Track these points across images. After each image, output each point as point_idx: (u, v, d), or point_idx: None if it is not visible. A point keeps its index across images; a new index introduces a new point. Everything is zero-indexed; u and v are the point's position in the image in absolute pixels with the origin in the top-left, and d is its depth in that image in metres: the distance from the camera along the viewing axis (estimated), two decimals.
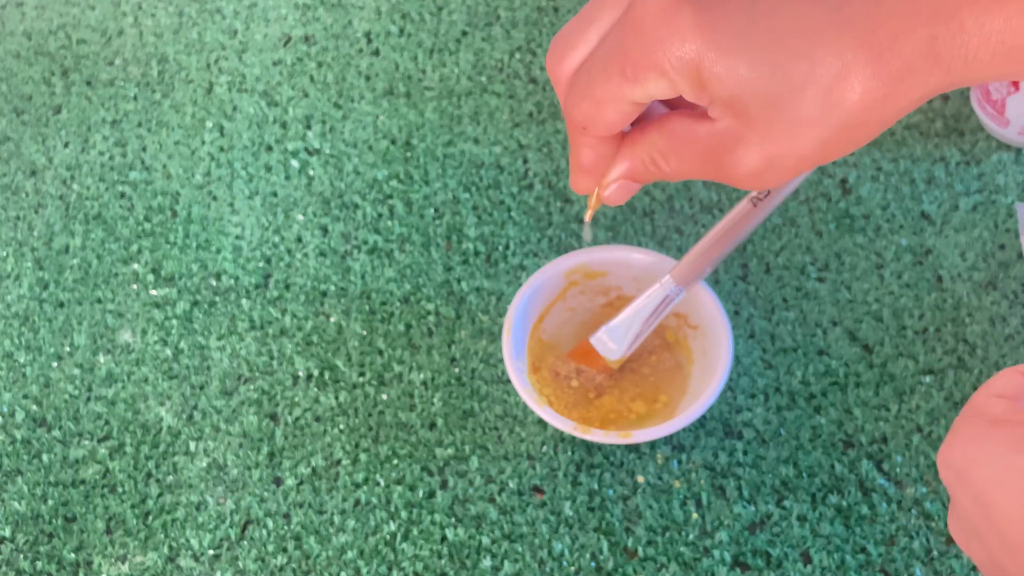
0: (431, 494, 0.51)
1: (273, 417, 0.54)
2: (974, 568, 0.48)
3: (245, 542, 0.50)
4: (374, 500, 0.51)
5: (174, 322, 0.57)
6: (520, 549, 0.50)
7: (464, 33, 0.68)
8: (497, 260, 0.58)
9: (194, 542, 0.50)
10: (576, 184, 0.37)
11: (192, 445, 0.53)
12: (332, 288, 0.58)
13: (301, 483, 0.52)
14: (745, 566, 0.49)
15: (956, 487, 0.30)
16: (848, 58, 0.29)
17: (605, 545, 0.50)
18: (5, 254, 0.60)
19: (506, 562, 0.49)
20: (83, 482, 0.52)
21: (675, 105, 0.35)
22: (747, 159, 0.31)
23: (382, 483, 0.52)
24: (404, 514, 0.51)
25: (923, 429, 0.52)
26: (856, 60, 0.28)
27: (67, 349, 0.56)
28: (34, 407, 0.55)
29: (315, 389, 0.54)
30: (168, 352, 0.56)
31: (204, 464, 0.53)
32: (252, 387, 0.55)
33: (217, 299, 0.58)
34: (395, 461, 0.52)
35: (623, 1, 0.32)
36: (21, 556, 0.50)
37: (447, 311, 0.57)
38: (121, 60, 0.68)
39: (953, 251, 0.57)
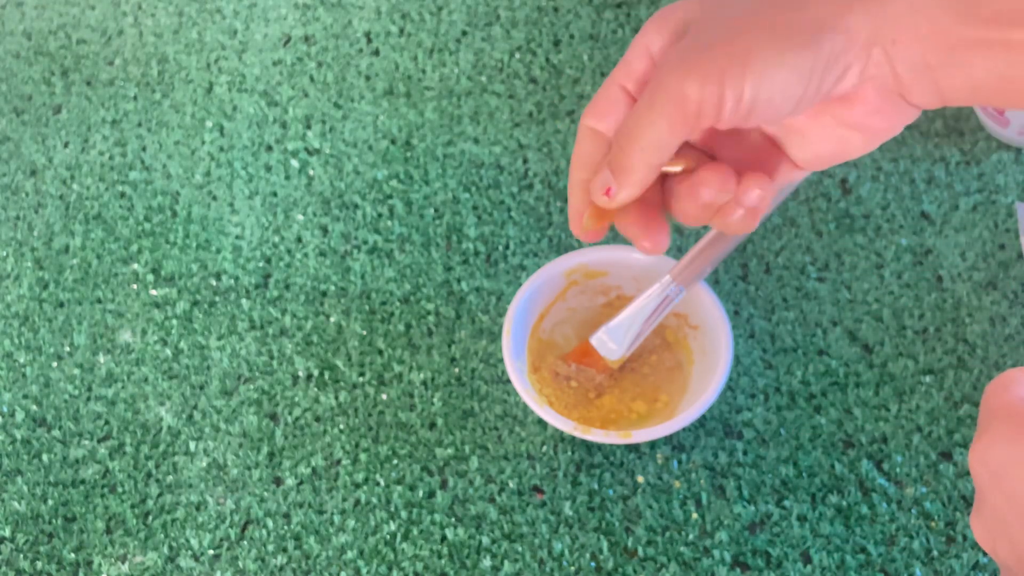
0: (431, 494, 0.51)
1: (273, 417, 0.54)
2: (974, 568, 0.48)
3: (245, 542, 0.50)
4: (374, 500, 0.51)
5: (174, 322, 0.57)
6: (520, 549, 0.50)
7: (464, 33, 0.68)
8: (497, 260, 0.58)
9: (194, 542, 0.50)
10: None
11: (192, 445, 0.53)
12: (332, 288, 0.58)
13: (301, 483, 0.52)
14: (745, 566, 0.49)
15: (989, 486, 0.29)
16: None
17: (605, 545, 0.50)
18: (5, 254, 0.60)
19: (506, 562, 0.49)
20: (83, 482, 0.52)
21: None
22: None
23: (382, 483, 0.52)
24: (404, 514, 0.51)
25: (923, 429, 0.52)
26: None
27: (67, 349, 0.57)
28: (34, 407, 0.55)
29: (315, 389, 0.54)
30: (168, 352, 0.56)
31: (204, 464, 0.53)
32: (252, 387, 0.55)
33: (217, 299, 0.58)
34: (395, 461, 0.52)
35: None
36: (21, 556, 0.50)
37: (447, 311, 0.57)
38: (121, 60, 0.68)
39: (953, 251, 0.57)
